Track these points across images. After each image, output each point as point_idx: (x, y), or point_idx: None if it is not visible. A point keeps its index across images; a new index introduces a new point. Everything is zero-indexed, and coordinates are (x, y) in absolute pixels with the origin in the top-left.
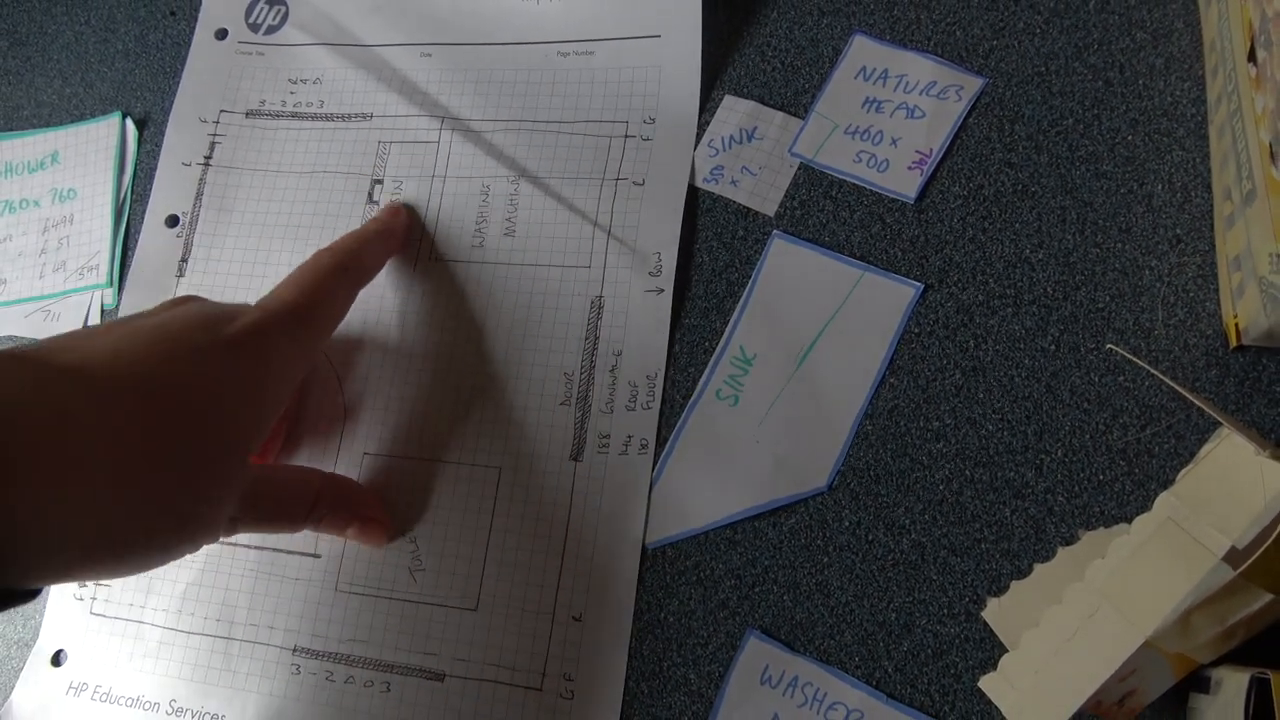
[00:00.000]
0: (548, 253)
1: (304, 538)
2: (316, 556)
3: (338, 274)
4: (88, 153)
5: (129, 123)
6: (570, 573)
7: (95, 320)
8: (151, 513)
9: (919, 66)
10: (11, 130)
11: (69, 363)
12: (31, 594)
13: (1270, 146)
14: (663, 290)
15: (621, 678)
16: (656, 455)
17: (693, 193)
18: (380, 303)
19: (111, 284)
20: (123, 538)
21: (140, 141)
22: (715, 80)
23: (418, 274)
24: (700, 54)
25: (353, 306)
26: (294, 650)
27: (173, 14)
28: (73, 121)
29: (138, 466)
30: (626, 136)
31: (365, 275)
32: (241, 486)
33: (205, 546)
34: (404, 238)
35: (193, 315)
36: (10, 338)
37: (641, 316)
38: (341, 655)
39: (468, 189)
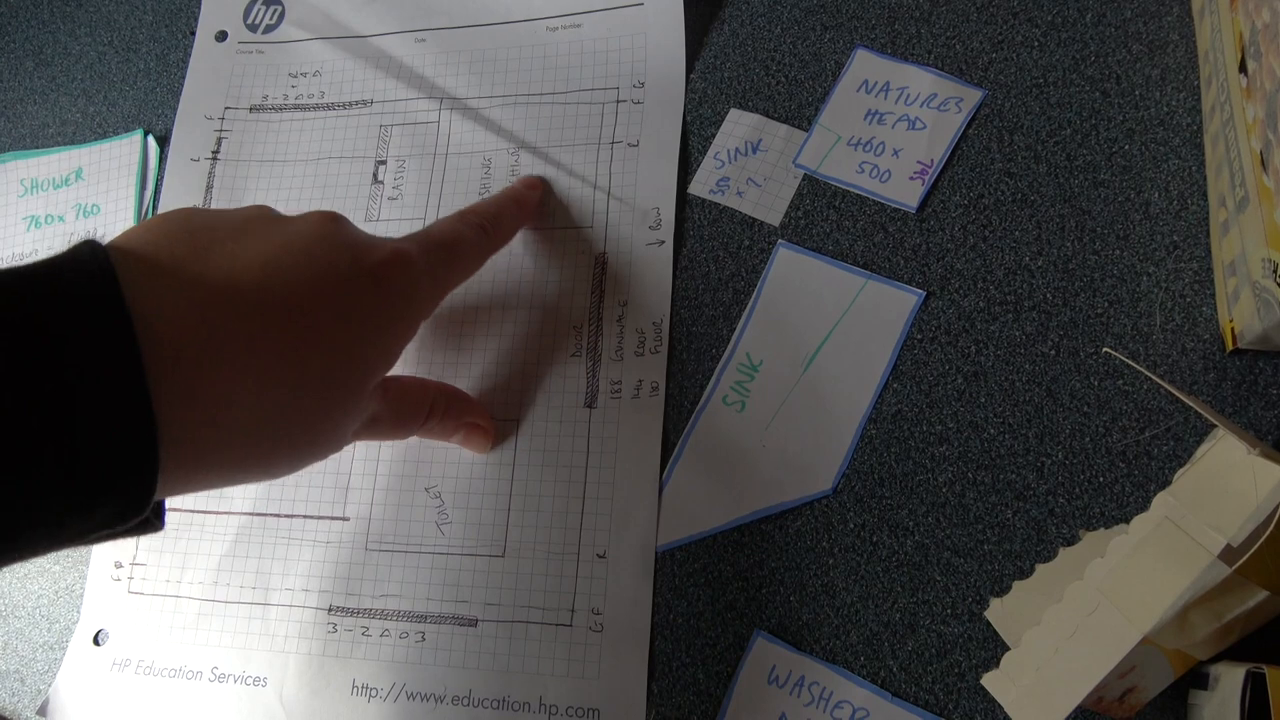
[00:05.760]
0: (550, 216)
1: (331, 503)
2: (345, 520)
3: (477, 231)
4: (110, 169)
5: (150, 140)
6: (592, 513)
7: None
8: (285, 431)
9: (920, 79)
10: (37, 148)
11: (219, 281)
12: (158, 525)
13: (1261, 155)
14: (663, 242)
15: (649, 607)
16: (665, 459)
17: (700, 203)
18: None
19: None
20: (255, 452)
21: (161, 158)
22: (716, 84)
23: None
24: (683, 17)
25: None
26: (329, 610)
27: (192, 34)
28: (96, 139)
29: (279, 387)
30: (618, 102)
31: (501, 240)
32: (370, 408)
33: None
34: (536, 209)
35: (339, 240)
36: None
37: (644, 267)
38: (376, 610)
39: (469, 163)
